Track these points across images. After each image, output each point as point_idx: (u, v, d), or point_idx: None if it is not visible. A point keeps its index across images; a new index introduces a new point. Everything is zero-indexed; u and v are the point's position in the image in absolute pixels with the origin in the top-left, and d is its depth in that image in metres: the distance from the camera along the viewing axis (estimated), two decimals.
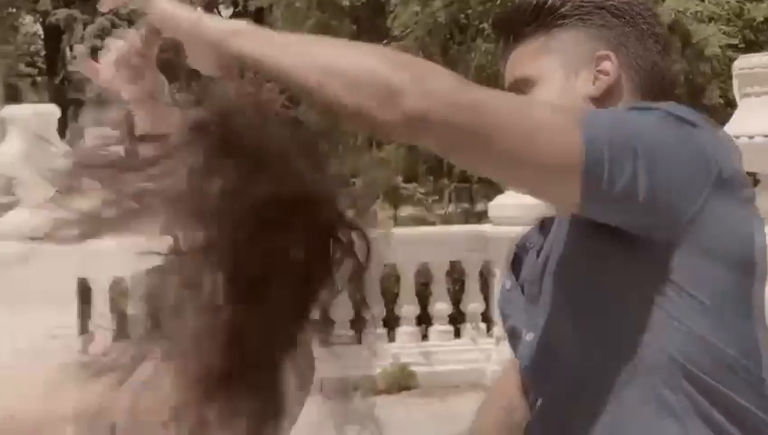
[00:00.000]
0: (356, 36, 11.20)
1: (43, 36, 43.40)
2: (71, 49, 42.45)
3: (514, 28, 1.63)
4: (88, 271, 7.33)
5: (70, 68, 42.33)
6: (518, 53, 1.61)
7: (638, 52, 1.55)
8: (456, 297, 7.86)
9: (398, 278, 7.75)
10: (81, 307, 7.29)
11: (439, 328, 7.76)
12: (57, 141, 7.03)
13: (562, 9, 1.56)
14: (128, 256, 4.10)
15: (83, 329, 7.30)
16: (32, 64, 44.04)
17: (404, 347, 7.58)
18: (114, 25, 39.05)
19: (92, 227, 1.63)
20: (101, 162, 1.25)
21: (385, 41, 10.59)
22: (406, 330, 7.75)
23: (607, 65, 1.54)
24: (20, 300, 7.01)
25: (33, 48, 44.59)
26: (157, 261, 1.60)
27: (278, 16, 11.80)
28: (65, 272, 7.11)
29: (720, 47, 9.91)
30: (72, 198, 1.71)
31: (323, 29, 11.34)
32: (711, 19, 10.14)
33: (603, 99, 1.53)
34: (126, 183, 1.20)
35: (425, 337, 7.80)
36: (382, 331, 7.78)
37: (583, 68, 1.55)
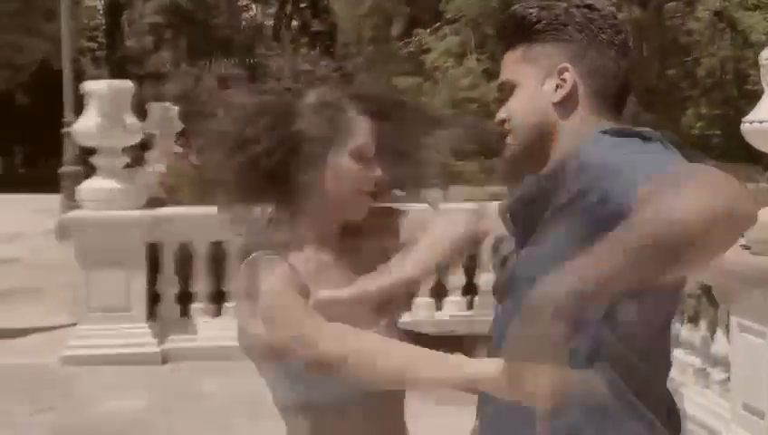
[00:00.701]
0: (408, 18, 11.55)
1: (103, 12, 43.96)
2: (129, 25, 43.10)
3: (505, 37, 1.98)
4: (157, 236, 7.83)
5: (128, 43, 43.03)
6: (507, 57, 1.98)
7: (596, 62, 1.89)
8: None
9: None
10: (150, 270, 7.79)
11: (485, 298, 8.17)
12: (129, 115, 7.59)
13: (537, 25, 1.91)
14: (193, 223, 4.88)
15: (151, 290, 7.83)
16: (92, 39, 44.55)
17: (453, 315, 8.01)
18: (173, 3, 39.69)
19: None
20: None
21: (437, 24, 10.98)
22: (453, 299, 8.19)
23: (566, 76, 1.88)
24: (96, 261, 7.57)
25: (93, 23, 45.11)
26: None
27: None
28: (136, 236, 7.65)
29: (765, 34, 10.16)
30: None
31: (379, 10, 11.76)
32: (756, 7, 10.39)
33: (563, 103, 1.88)
34: None
35: (470, 306, 8.23)
36: (430, 300, 8.22)
37: (549, 77, 1.90)
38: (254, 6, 47.01)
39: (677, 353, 5.92)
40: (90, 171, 8.15)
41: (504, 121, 1.94)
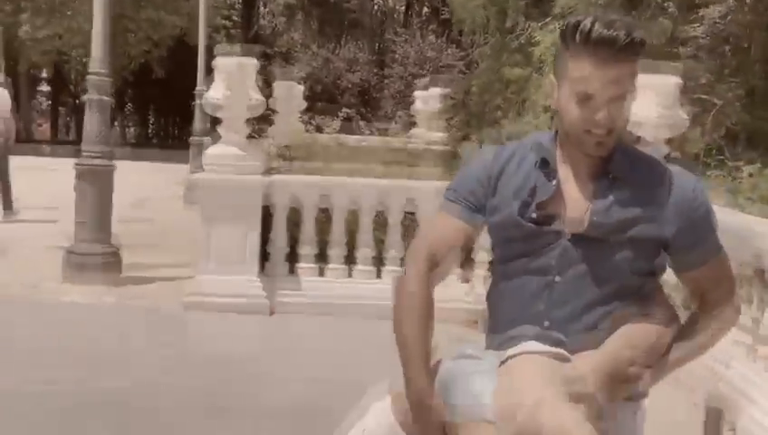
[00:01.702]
0: (524, 12, 12.11)
1: None
2: (264, 5, 44.43)
3: (620, 51, 2.30)
4: (271, 200, 8.68)
5: (262, 22, 44.40)
6: (620, 69, 2.32)
7: None
8: None
9: None
10: (263, 229, 8.65)
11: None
12: (254, 89, 8.41)
13: (642, 47, 2.33)
14: (303, 190, 5.94)
15: (264, 247, 8.69)
16: (227, 18, 45.97)
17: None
18: None
19: None
20: None
21: (547, 18, 11.53)
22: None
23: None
24: (216, 218, 8.47)
25: (230, 1, 46.56)
26: None
27: None
28: (253, 199, 8.51)
29: None
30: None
31: (495, 4, 12.38)
32: None
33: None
34: None
35: None
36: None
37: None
38: None
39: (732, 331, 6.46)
40: (217, 140, 9.04)
41: (611, 130, 2.39)
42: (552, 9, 11.36)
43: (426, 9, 45.35)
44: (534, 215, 2.47)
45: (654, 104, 8.30)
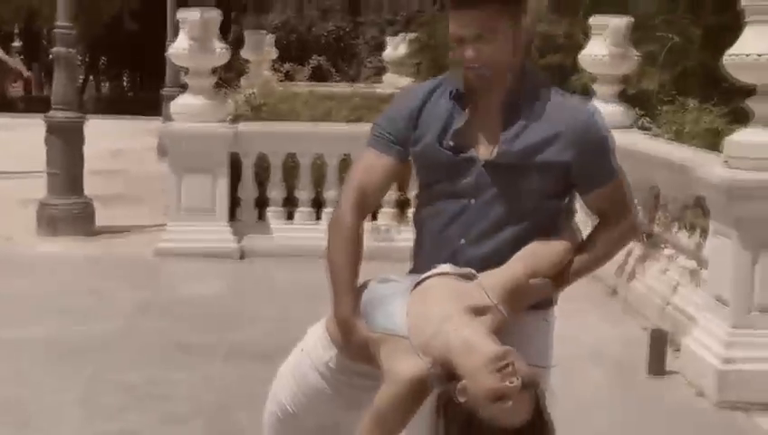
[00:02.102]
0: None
1: None
2: None
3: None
4: (239, 147, 8.90)
5: None
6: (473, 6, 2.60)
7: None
8: None
9: None
10: (231, 176, 8.88)
11: None
12: (216, 41, 8.58)
13: None
14: (271, 137, 6.28)
15: (233, 194, 8.92)
16: None
17: None
18: None
19: None
20: None
21: None
22: None
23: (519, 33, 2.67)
24: (185, 168, 8.69)
25: None
26: None
27: None
28: (221, 147, 8.74)
29: None
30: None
31: None
32: None
33: (515, 48, 2.67)
34: None
35: None
36: None
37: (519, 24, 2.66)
38: None
39: (680, 258, 6.78)
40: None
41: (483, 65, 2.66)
42: None
43: None
44: (451, 143, 2.70)
45: (605, 44, 8.56)
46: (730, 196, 5.50)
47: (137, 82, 48.49)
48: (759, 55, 5.40)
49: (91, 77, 50.47)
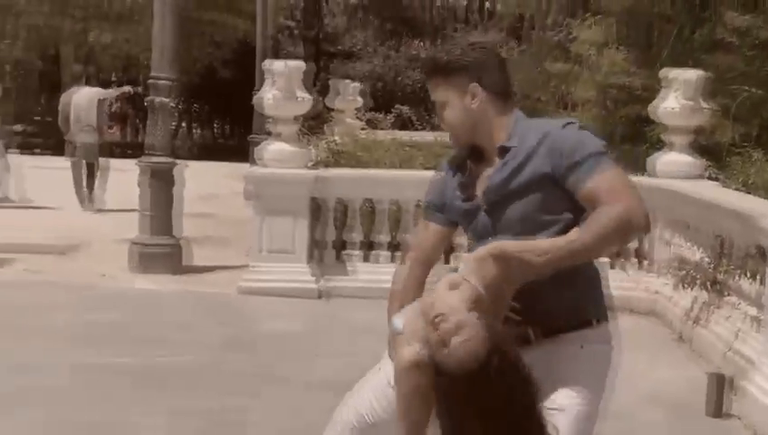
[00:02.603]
0: (564, 9, 12.57)
1: None
2: (326, 3, 45.17)
3: (427, 74, 3.16)
4: (319, 192, 9.32)
5: (324, 22, 45.12)
6: (433, 83, 3.12)
7: (494, 76, 3.07)
8: None
9: None
10: (312, 219, 9.30)
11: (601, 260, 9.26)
12: (300, 90, 9.03)
13: (451, 64, 3.06)
14: (350, 182, 6.82)
15: (313, 236, 9.33)
16: (291, 17, 46.68)
17: None
18: None
19: None
20: None
21: (586, 14, 11.99)
22: None
23: (477, 89, 3.04)
24: (268, 210, 9.14)
25: (293, 2, 47.32)
26: None
27: None
28: (302, 191, 9.17)
29: None
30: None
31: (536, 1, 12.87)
32: None
33: (479, 104, 3.04)
34: None
35: None
36: None
37: (467, 94, 3.05)
38: None
39: (742, 305, 6.95)
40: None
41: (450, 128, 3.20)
42: (590, 6, 11.84)
43: (487, 5, 45.66)
44: (460, 195, 3.17)
45: (677, 96, 8.80)
46: None
47: (227, 128, 49.69)
48: None
49: (184, 123, 51.91)
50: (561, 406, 2.92)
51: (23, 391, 6.02)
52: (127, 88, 19.88)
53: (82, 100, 14.75)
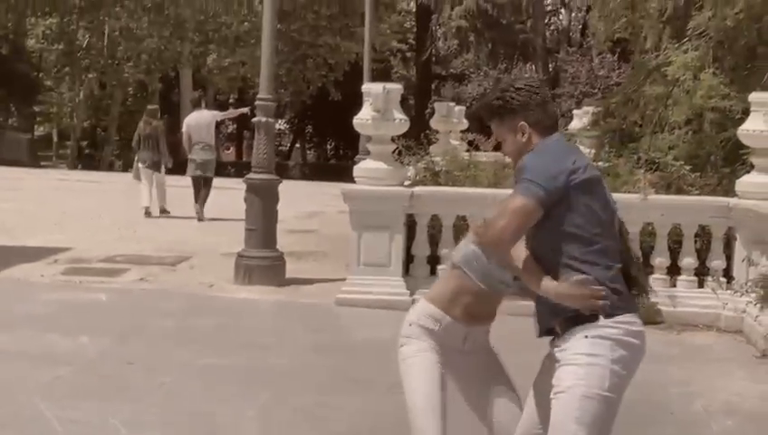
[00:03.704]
0: (661, 33, 12.75)
1: (414, 15, 46.66)
2: (439, 26, 45.68)
3: (485, 117, 3.77)
4: (414, 208, 9.75)
5: (436, 45, 45.65)
6: (492, 124, 3.74)
7: (538, 113, 3.61)
8: (702, 255, 9.50)
9: (653, 235, 9.52)
10: (407, 235, 9.74)
11: (686, 278, 9.48)
12: (398, 111, 9.46)
13: (503, 108, 3.68)
14: (442, 200, 7.44)
15: (408, 251, 9.75)
16: (403, 41, 47.33)
17: (655, 290, 9.25)
18: (479, 8, 41.68)
19: None
20: None
21: (684, 39, 12.15)
22: (657, 277, 9.49)
23: (525, 127, 3.65)
24: (365, 226, 9.62)
25: (406, 25, 47.99)
26: None
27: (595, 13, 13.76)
28: (397, 208, 9.61)
29: None
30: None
31: (633, 26, 13.10)
32: None
33: (529, 139, 3.63)
34: None
35: (673, 284, 9.52)
36: None
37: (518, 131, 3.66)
38: (562, 11, 48.18)
39: None
40: None
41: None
42: (685, 30, 12.00)
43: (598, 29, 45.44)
44: None
45: (765, 119, 8.97)
46: None
47: (338, 149, 50.60)
48: None
49: (298, 144, 53.09)
50: (566, 387, 3.46)
51: (134, 384, 6.63)
52: (244, 110, 20.84)
53: (203, 121, 16.57)
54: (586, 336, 3.47)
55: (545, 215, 3.45)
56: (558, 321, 3.55)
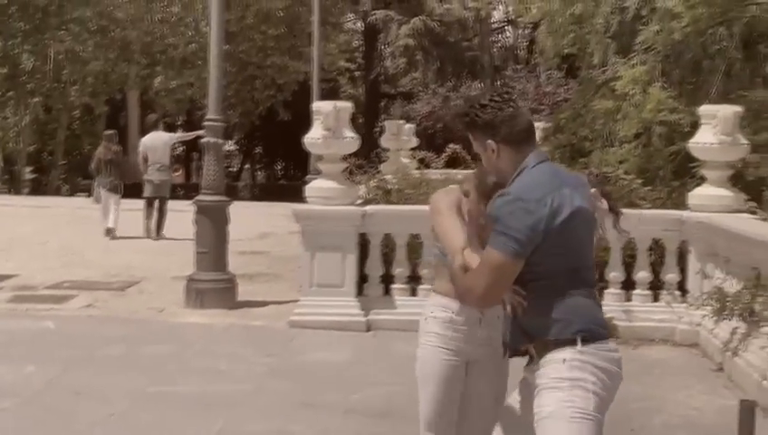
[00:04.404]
0: (608, 48, 12.81)
1: (362, 34, 46.73)
2: (387, 45, 45.74)
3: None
4: (366, 228, 9.63)
5: (383, 64, 45.72)
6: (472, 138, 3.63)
7: (505, 130, 3.49)
8: (656, 268, 9.48)
9: (607, 249, 9.48)
10: (360, 254, 9.61)
11: (641, 292, 9.45)
12: (349, 129, 9.35)
13: (470, 126, 3.59)
14: (394, 218, 7.31)
15: (361, 270, 9.63)
16: (351, 60, 47.31)
17: (610, 305, 9.23)
18: (426, 27, 41.82)
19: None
20: None
21: (631, 54, 12.21)
22: (612, 291, 9.46)
23: (492, 144, 3.54)
24: (317, 246, 9.47)
25: (353, 44, 48.00)
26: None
27: (544, 30, 13.81)
28: (350, 227, 9.48)
29: None
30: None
31: (581, 42, 13.15)
32: None
33: (498, 156, 3.52)
34: None
35: (628, 299, 9.48)
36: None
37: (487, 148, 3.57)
38: (509, 29, 48.48)
39: None
40: None
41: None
42: (633, 45, 12.06)
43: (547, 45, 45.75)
44: None
45: (714, 132, 8.99)
46: None
47: (288, 169, 50.41)
48: None
49: (247, 165, 52.81)
50: (549, 413, 3.35)
51: (83, 415, 6.42)
52: (200, 132, 20.70)
53: (159, 142, 16.96)
54: (564, 360, 3.38)
55: None
56: (533, 344, 3.46)
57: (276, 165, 53.01)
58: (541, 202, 3.34)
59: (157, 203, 16.53)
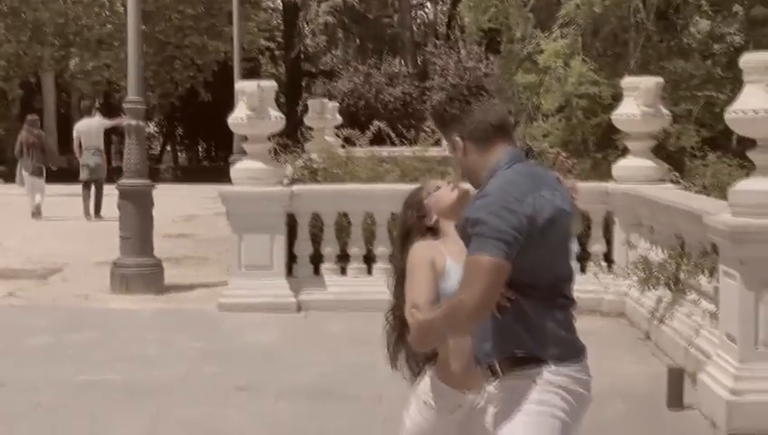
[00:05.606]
0: (530, 22, 12.86)
1: (281, 13, 46.33)
2: (307, 24, 45.46)
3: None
4: (294, 208, 9.55)
5: (304, 42, 45.41)
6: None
7: (470, 126, 3.24)
8: (583, 240, 9.57)
9: None
10: (288, 235, 9.53)
11: None
12: (274, 109, 9.24)
13: (439, 122, 3.40)
14: (323, 197, 7.22)
15: (290, 251, 9.55)
16: (271, 39, 46.85)
17: None
18: (346, 4, 41.65)
19: None
20: None
21: (552, 28, 12.27)
22: None
23: (459, 142, 3.30)
24: (245, 228, 9.37)
25: (273, 24, 47.53)
26: None
27: (465, 4, 13.80)
28: (277, 208, 9.40)
29: None
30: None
31: (504, 16, 13.18)
32: None
33: (465, 153, 3.28)
34: None
35: None
36: None
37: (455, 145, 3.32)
38: (428, 5, 48.51)
39: (702, 302, 7.19)
40: None
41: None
42: (555, 19, 12.12)
43: (467, 20, 45.83)
44: None
45: (637, 103, 9.08)
46: (733, 239, 5.96)
47: (210, 150, 49.90)
48: (755, 112, 5.88)
49: (168, 147, 52.13)
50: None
51: (7, 407, 6.27)
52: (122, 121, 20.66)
53: (93, 127, 17.88)
54: (534, 381, 3.15)
55: None
56: (500, 359, 3.20)
57: (198, 146, 52.45)
58: (522, 202, 3.07)
59: (93, 187, 17.23)
